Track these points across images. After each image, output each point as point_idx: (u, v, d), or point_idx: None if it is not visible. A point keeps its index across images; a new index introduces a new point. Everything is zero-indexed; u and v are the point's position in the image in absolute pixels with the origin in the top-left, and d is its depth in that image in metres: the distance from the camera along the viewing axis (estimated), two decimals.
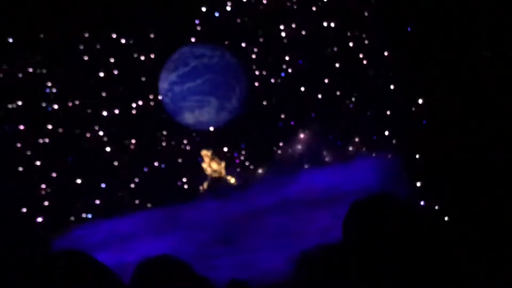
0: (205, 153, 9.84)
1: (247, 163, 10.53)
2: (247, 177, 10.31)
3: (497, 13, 7.46)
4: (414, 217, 2.27)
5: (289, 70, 10.35)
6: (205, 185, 9.80)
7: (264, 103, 10.57)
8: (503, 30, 7.46)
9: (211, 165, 9.77)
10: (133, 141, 10.27)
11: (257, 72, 10.37)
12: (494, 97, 7.49)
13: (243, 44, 10.21)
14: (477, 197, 7.49)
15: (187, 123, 9.90)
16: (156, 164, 10.44)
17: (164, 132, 10.41)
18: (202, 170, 9.97)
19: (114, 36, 9.97)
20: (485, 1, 7.65)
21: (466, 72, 7.84)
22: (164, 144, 10.50)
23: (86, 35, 9.79)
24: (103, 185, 10.25)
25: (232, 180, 9.77)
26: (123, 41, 9.99)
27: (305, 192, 9.55)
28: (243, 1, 9.96)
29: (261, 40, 10.27)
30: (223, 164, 9.82)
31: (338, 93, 10.34)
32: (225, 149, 10.43)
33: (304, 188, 9.71)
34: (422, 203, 8.29)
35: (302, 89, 10.47)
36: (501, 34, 7.45)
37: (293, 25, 10.15)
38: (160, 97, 9.85)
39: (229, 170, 9.98)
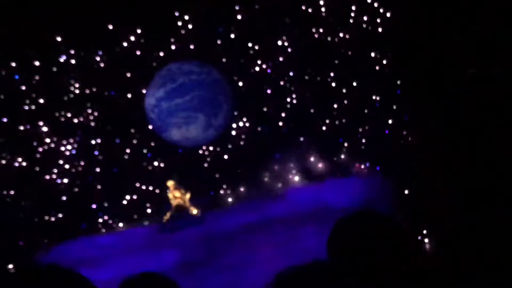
0: (171, 183, 9.88)
1: (230, 181, 10.55)
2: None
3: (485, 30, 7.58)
4: (399, 235, 2.26)
5: (277, 84, 10.44)
6: (168, 215, 9.82)
7: (250, 120, 10.62)
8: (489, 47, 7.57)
9: (175, 195, 9.82)
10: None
11: (243, 87, 10.43)
12: (479, 116, 7.58)
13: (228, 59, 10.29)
14: (464, 216, 7.54)
15: (173, 139, 9.86)
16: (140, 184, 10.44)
17: (147, 152, 10.41)
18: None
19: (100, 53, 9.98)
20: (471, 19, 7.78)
21: (451, 91, 7.94)
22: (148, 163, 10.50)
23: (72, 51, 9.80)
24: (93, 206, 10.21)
25: (195, 211, 9.80)
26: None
27: (290, 210, 9.54)
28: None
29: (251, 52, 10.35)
30: (188, 195, 9.86)
31: (324, 111, 10.41)
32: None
33: (290, 205, 9.71)
34: (407, 221, 8.33)
35: (288, 106, 10.54)
36: (487, 52, 7.57)
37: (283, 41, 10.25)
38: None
39: (193, 200, 10.03)
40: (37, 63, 9.70)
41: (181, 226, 9.74)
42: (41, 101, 9.95)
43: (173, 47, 10.23)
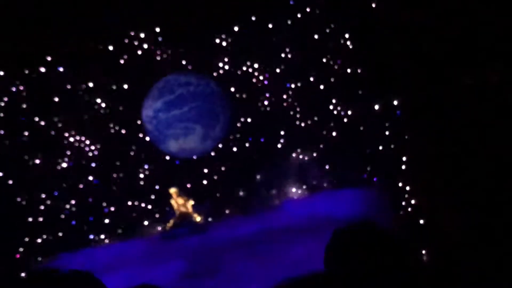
0: (173, 191, 9.89)
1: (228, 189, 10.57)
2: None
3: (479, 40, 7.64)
4: (396, 247, 2.28)
5: (273, 99, 10.47)
6: (171, 222, 9.82)
7: (248, 130, 10.65)
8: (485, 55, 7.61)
9: (178, 202, 9.84)
10: (115, 175, 10.30)
11: (241, 97, 10.47)
12: (478, 128, 7.61)
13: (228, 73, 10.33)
14: (462, 227, 7.54)
15: (170, 151, 9.88)
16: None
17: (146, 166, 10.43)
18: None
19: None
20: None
21: (448, 106, 7.99)
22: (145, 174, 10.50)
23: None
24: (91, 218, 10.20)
25: (198, 218, 9.80)
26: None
27: (289, 220, 9.54)
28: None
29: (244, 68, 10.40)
30: (190, 202, 9.88)
31: (322, 123, 10.45)
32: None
33: (288, 216, 9.71)
34: (404, 232, 8.33)
35: (285, 117, 10.57)
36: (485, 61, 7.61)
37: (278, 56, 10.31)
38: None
39: (196, 207, 10.04)
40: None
41: (184, 234, 9.70)
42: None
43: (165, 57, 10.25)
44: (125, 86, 10.08)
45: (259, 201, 10.22)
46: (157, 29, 9.71)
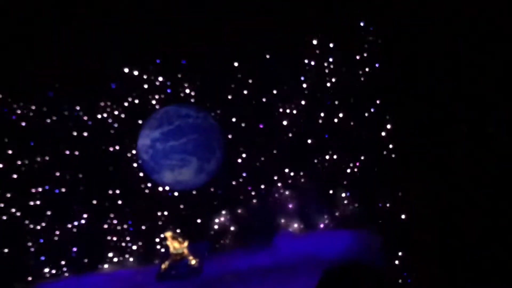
0: (169, 234, 9.89)
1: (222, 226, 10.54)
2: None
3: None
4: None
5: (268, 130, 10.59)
6: (166, 264, 9.78)
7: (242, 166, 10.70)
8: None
9: (173, 245, 9.82)
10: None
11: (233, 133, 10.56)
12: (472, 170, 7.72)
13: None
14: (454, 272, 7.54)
15: (164, 182, 9.89)
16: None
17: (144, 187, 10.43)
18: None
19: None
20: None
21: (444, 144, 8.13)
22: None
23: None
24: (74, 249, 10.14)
25: (193, 261, 9.76)
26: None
27: (279, 259, 9.50)
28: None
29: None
30: (185, 243, 9.86)
31: (315, 160, 10.53)
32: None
33: (279, 254, 9.67)
34: (394, 273, 8.32)
35: (276, 152, 10.65)
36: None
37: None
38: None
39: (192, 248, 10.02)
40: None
41: (179, 276, 9.67)
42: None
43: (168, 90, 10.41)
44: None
45: (253, 236, 10.19)
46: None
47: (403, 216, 8.96)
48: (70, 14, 9.18)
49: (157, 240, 10.44)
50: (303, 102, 10.38)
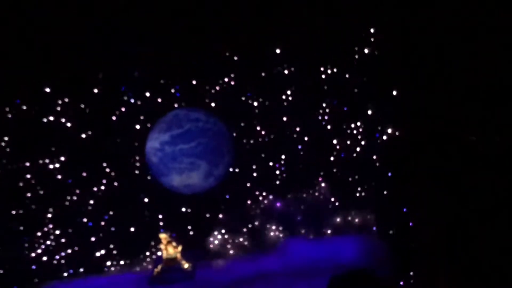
0: (163, 237, 9.89)
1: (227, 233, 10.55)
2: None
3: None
4: None
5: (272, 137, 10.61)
6: (159, 268, 9.78)
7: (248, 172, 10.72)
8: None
9: (167, 249, 9.83)
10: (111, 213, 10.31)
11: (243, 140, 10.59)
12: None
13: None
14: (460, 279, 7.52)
15: (172, 185, 9.89)
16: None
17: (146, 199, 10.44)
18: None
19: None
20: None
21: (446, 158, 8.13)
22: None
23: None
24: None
25: (186, 265, 9.77)
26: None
27: (285, 263, 9.49)
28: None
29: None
30: (179, 248, 9.86)
31: (319, 169, 10.55)
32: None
33: (285, 259, 9.66)
34: (401, 280, 8.29)
35: (282, 160, 10.66)
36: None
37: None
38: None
39: (185, 253, 10.02)
40: None
41: (172, 280, 9.68)
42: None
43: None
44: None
45: (260, 242, 10.21)
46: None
47: (410, 224, 8.94)
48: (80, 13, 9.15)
49: (152, 243, 10.44)
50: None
